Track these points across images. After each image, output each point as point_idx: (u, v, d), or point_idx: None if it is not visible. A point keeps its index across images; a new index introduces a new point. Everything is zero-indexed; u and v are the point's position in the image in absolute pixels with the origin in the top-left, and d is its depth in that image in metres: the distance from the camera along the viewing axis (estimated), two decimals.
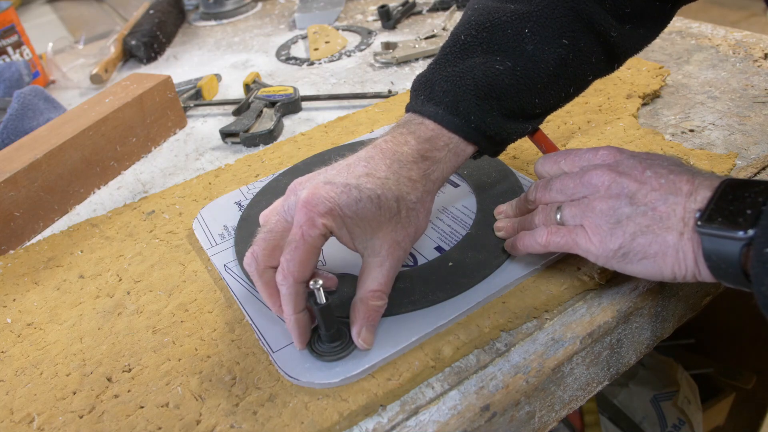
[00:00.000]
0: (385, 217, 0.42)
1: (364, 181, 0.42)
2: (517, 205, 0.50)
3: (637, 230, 0.39)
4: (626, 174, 0.40)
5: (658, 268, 0.39)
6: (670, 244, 0.38)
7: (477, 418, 0.39)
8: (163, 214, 0.64)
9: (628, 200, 0.39)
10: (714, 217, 0.35)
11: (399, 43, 0.95)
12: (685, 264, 0.38)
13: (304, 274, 0.40)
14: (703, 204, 0.37)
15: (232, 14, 1.30)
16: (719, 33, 0.83)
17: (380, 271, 0.43)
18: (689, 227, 0.37)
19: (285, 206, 0.43)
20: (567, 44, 0.46)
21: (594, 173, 0.42)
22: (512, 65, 0.46)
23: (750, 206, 0.34)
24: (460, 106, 0.45)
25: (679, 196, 0.38)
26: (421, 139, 0.45)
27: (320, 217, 0.40)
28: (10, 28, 1.04)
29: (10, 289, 0.57)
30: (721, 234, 0.35)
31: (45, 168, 0.66)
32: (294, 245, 0.40)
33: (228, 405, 0.41)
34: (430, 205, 0.46)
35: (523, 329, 0.44)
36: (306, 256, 0.40)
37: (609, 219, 0.40)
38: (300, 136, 0.75)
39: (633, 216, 0.39)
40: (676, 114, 0.66)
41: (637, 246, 0.39)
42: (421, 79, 0.49)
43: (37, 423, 0.43)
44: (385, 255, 0.42)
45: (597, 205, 0.41)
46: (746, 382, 1.06)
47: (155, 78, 0.80)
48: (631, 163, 0.41)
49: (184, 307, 0.50)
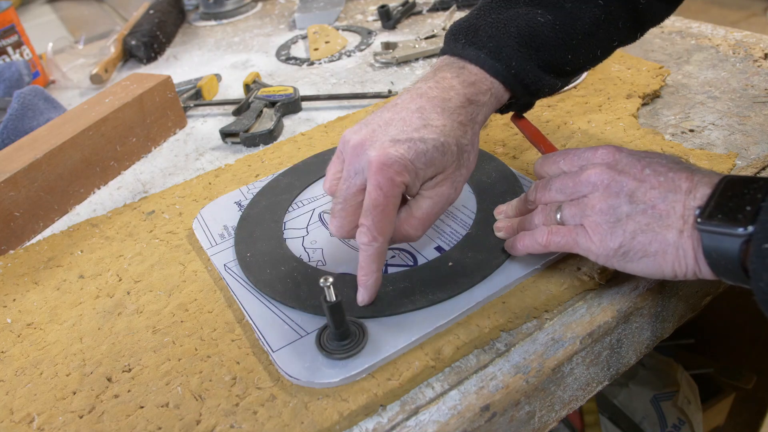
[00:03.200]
0: (449, 161, 0.45)
1: (425, 133, 0.43)
2: (517, 205, 0.50)
3: (637, 229, 0.39)
4: (625, 172, 0.41)
5: (658, 267, 0.39)
6: (670, 242, 0.38)
7: (477, 418, 0.39)
8: (163, 214, 0.64)
9: (627, 198, 0.39)
10: (714, 214, 0.35)
11: (399, 43, 0.95)
12: (686, 261, 0.38)
13: (391, 231, 0.43)
14: (702, 201, 0.37)
15: (232, 14, 1.30)
16: (719, 33, 0.83)
17: (430, 203, 0.45)
18: (689, 224, 0.37)
19: (352, 169, 0.44)
20: (602, 5, 0.48)
21: (593, 172, 0.42)
22: (552, 19, 0.48)
23: (749, 203, 0.34)
24: (502, 51, 0.47)
25: (679, 193, 0.38)
26: (466, 83, 0.47)
27: (398, 176, 0.42)
28: (10, 28, 1.04)
29: (10, 289, 0.57)
30: (720, 231, 0.35)
31: (45, 168, 0.66)
32: (380, 207, 0.42)
33: (228, 405, 0.41)
34: (478, 145, 0.48)
35: (523, 329, 0.44)
36: (391, 215, 0.43)
37: (609, 218, 0.40)
38: (300, 136, 0.75)
39: (632, 214, 0.39)
40: (676, 114, 0.66)
41: (638, 244, 0.39)
42: (463, 24, 0.50)
43: (37, 423, 0.43)
44: (441, 191, 0.45)
45: (596, 204, 0.41)
46: (746, 382, 1.06)
47: (155, 78, 0.80)
48: (630, 162, 0.41)
49: (184, 307, 0.50)
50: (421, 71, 0.89)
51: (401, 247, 0.51)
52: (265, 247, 0.54)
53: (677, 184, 0.38)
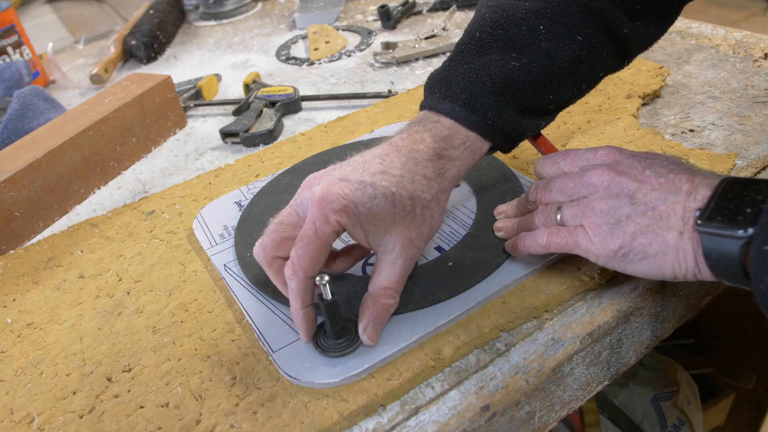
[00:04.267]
0: (399, 214, 0.42)
1: (379, 179, 0.42)
2: (518, 205, 0.50)
3: (638, 230, 0.39)
4: (626, 173, 0.41)
5: (658, 268, 0.39)
6: (670, 244, 0.38)
7: (477, 418, 0.39)
8: (163, 214, 0.64)
9: (627, 200, 0.39)
10: (714, 216, 0.35)
11: (399, 43, 0.95)
12: (686, 263, 0.38)
13: (314, 269, 0.41)
14: (703, 203, 0.37)
15: (232, 14, 1.30)
16: (719, 33, 0.83)
17: (392, 269, 0.43)
18: (689, 226, 0.37)
19: (298, 200, 0.43)
20: (581, 41, 0.47)
21: (593, 173, 0.42)
22: (528, 62, 0.46)
23: (750, 204, 0.34)
24: (477, 102, 0.45)
25: (679, 195, 0.38)
26: (438, 137, 0.45)
27: (334, 214, 0.40)
28: (10, 28, 1.04)
29: (10, 289, 0.57)
30: (720, 233, 0.35)
31: (45, 168, 0.66)
32: (306, 240, 0.40)
33: (228, 405, 0.41)
34: (445, 203, 0.46)
35: (523, 329, 0.44)
36: (317, 252, 0.40)
37: (609, 219, 0.40)
38: (300, 136, 0.75)
39: (633, 216, 0.39)
40: (676, 114, 0.66)
41: (638, 246, 0.39)
42: (437, 76, 0.48)
43: (37, 423, 0.43)
44: (398, 253, 0.43)
45: (597, 205, 0.41)
46: (746, 382, 1.06)
47: (155, 78, 0.80)
48: (631, 163, 0.41)
49: (184, 307, 0.50)
50: (421, 71, 0.89)
51: None
52: None
53: (678, 185, 0.38)
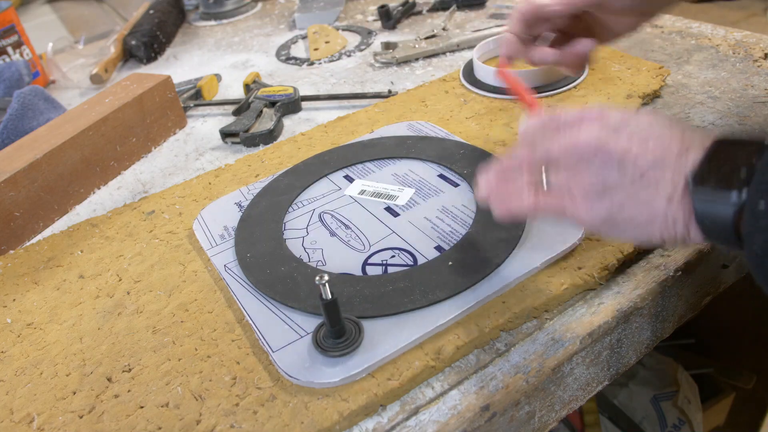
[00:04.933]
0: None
1: None
2: (498, 169, 0.47)
3: (626, 199, 0.37)
4: (613, 136, 0.39)
5: (646, 235, 0.38)
6: (659, 211, 0.36)
7: (477, 418, 0.39)
8: (163, 214, 0.64)
9: (616, 166, 0.38)
10: (707, 179, 0.34)
11: (399, 43, 0.95)
12: (675, 229, 0.36)
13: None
14: (694, 165, 0.35)
15: (232, 14, 1.30)
16: (719, 33, 0.83)
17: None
18: (679, 190, 0.36)
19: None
20: None
21: (580, 136, 0.40)
22: None
23: (744, 165, 0.33)
24: None
25: (669, 158, 0.36)
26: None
27: None
28: (10, 28, 1.04)
29: (10, 289, 0.57)
30: (713, 197, 0.34)
31: (45, 168, 0.66)
32: None
33: (228, 405, 0.41)
34: None
35: (523, 329, 0.44)
36: None
37: (596, 186, 0.39)
38: (300, 136, 0.75)
39: (621, 183, 0.38)
40: (676, 114, 0.66)
41: (626, 215, 0.38)
42: None
43: (37, 423, 0.43)
44: None
45: (583, 170, 0.39)
46: (746, 382, 1.06)
47: (155, 78, 0.80)
48: (618, 125, 0.39)
49: (184, 307, 0.50)
50: (421, 71, 0.89)
51: (401, 247, 0.51)
52: (265, 247, 0.54)
53: (668, 147, 0.37)
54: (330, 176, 0.63)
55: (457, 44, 0.93)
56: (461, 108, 0.74)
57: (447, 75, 0.84)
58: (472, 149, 0.62)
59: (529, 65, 0.63)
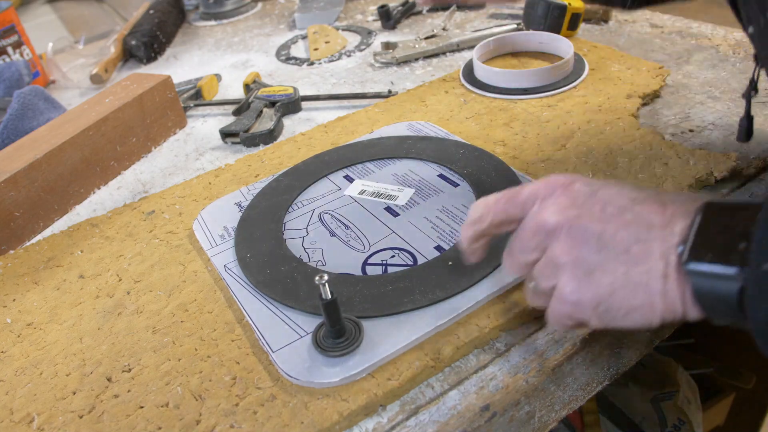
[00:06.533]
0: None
1: None
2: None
3: (615, 281, 0.33)
4: (585, 213, 0.35)
5: (647, 320, 0.33)
6: (655, 291, 0.32)
7: (477, 418, 0.39)
8: (163, 214, 0.64)
9: (594, 245, 0.34)
10: (703, 254, 0.31)
11: (399, 43, 0.95)
12: (674, 308, 0.32)
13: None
14: (683, 236, 0.32)
15: (232, 14, 1.30)
16: (719, 33, 0.83)
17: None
18: (672, 266, 0.32)
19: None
20: None
21: (547, 217, 0.36)
22: None
23: (741, 236, 0.30)
24: None
25: (653, 230, 0.33)
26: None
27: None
28: (10, 28, 1.04)
29: (10, 289, 0.57)
30: (714, 272, 0.30)
31: (45, 168, 0.66)
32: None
33: (228, 405, 0.41)
34: None
35: (524, 329, 0.44)
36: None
37: (578, 272, 0.34)
38: (300, 136, 0.75)
39: (605, 263, 0.34)
40: (676, 114, 0.66)
41: (619, 300, 0.33)
42: None
43: (37, 423, 0.43)
44: None
45: (561, 257, 0.35)
46: (746, 382, 1.06)
47: (155, 78, 0.80)
48: (586, 198, 0.35)
49: (184, 307, 0.50)
50: (421, 71, 0.89)
51: (401, 247, 0.51)
52: (265, 247, 0.54)
53: (648, 218, 0.33)
54: (330, 176, 0.63)
55: (457, 44, 0.93)
56: (461, 108, 0.74)
57: (447, 75, 0.84)
58: (472, 149, 0.62)
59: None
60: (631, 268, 0.33)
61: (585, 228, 0.34)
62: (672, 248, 0.32)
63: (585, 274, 0.34)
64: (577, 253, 0.34)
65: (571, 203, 0.36)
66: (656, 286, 0.32)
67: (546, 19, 0.85)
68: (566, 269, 0.35)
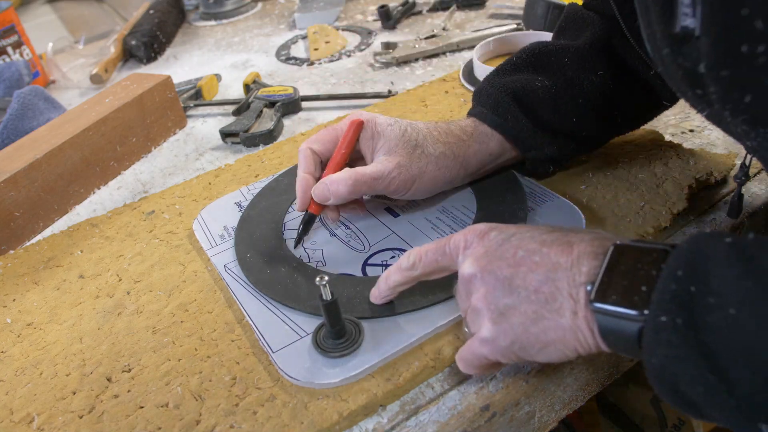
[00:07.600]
0: (402, 147, 0.50)
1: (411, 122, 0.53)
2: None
3: (527, 320, 0.35)
4: (496, 260, 0.37)
5: (561, 354, 0.36)
6: (566, 327, 0.34)
7: (477, 418, 0.39)
8: (163, 214, 0.64)
9: (507, 288, 0.36)
10: (608, 295, 0.33)
11: (399, 43, 0.95)
12: (587, 341, 0.35)
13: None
14: (590, 276, 0.34)
15: (232, 14, 1.30)
16: None
17: (369, 168, 0.49)
18: (581, 303, 0.34)
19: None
20: (602, 75, 0.53)
21: (465, 268, 0.39)
22: (550, 84, 0.53)
23: (644, 281, 0.32)
24: (499, 107, 0.54)
25: (560, 270, 0.35)
26: (459, 126, 0.54)
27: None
28: (10, 28, 1.04)
29: (10, 289, 0.57)
30: (617, 312, 0.32)
31: (45, 168, 0.66)
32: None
33: (228, 405, 0.41)
34: (438, 166, 0.51)
35: None
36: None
37: (492, 315, 0.37)
38: (300, 136, 0.75)
39: (517, 304, 0.36)
40: (676, 114, 0.66)
41: (531, 337, 0.36)
42: (476, 89, 0.57)
43: (37, 423, 0.43)
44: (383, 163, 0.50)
45: (478, 303, 0.37)
46: None
47: (155, 78, 0.80)
48: (498, 245, 0.38)
49: (184, 307, 0.50)
50: (421, 71, 0.89)
51: (401, 248, 0.51)
52: (265, 247, 0.54)
53: (555, 260, 0.35)
54: None
55: (457, 44, 0.93)
56: (461, 108, 0.74)
57: (447, 75, 0.84)
58: None
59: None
60: (542, 306, 0.35)
61: (497, 273, 0.37)
62: (580, 286, 0.34)
63: (500, 316, 0.37)
64: (492, 297, 0.37)
65: (485, 252, 0.38)
66: (566, 322, 0.34)
67: (546, 19, 0.85)
68: (484, 313, 0.37)
